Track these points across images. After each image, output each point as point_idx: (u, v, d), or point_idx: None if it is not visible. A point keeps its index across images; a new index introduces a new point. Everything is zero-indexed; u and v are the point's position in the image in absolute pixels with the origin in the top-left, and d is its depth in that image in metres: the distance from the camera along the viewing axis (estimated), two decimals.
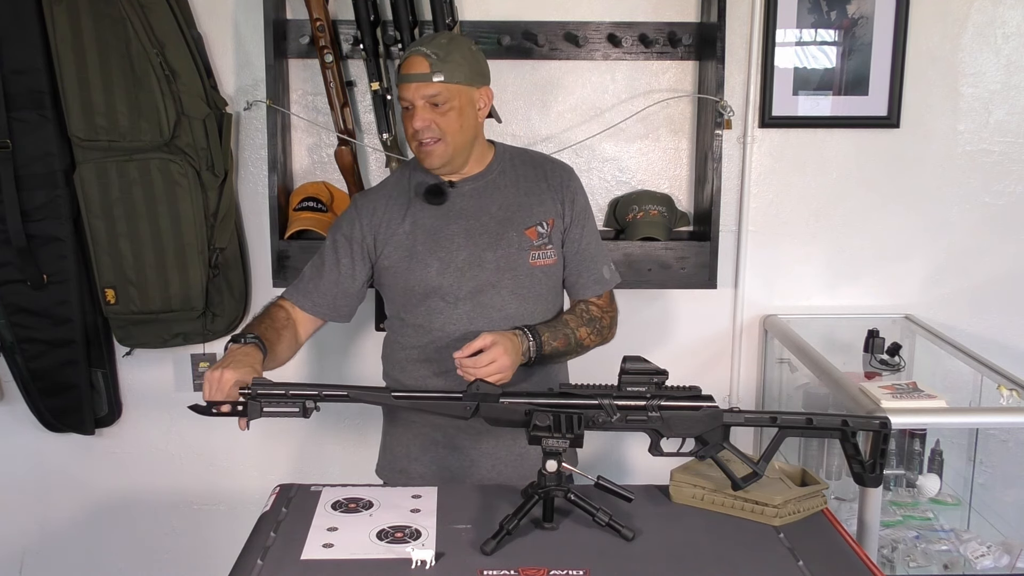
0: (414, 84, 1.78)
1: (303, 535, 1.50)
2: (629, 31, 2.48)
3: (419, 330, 1.89)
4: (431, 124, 1.79)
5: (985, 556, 2.01)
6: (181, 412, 1.66)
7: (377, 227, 1.88)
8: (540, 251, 1.88)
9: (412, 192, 1.90)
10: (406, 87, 1.79)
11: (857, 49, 2.54)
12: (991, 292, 2.67)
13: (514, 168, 1.94)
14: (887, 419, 1.58)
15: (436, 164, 1.83)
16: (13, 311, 2.49)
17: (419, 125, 1.79)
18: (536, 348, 1.80)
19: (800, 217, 2.64)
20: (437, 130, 1.79)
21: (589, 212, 1.97)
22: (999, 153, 2.62)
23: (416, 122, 1.79)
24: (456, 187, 1.89)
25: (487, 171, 1.91)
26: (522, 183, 1.92)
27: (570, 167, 1.99)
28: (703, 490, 1.62)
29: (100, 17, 2.30)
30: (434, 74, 1.77)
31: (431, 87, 1.77)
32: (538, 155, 2.02)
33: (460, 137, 1.82)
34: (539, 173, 1.94)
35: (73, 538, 2.77)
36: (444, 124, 1.79)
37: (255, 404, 1.54)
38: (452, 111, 1.79)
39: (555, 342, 1.84)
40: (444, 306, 1.85)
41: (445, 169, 1.86)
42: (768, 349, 2.67)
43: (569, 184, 1.94)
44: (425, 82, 1.77)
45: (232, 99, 2.52)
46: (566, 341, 1.86)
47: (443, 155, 1.82)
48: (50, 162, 2.39)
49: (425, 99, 1.78)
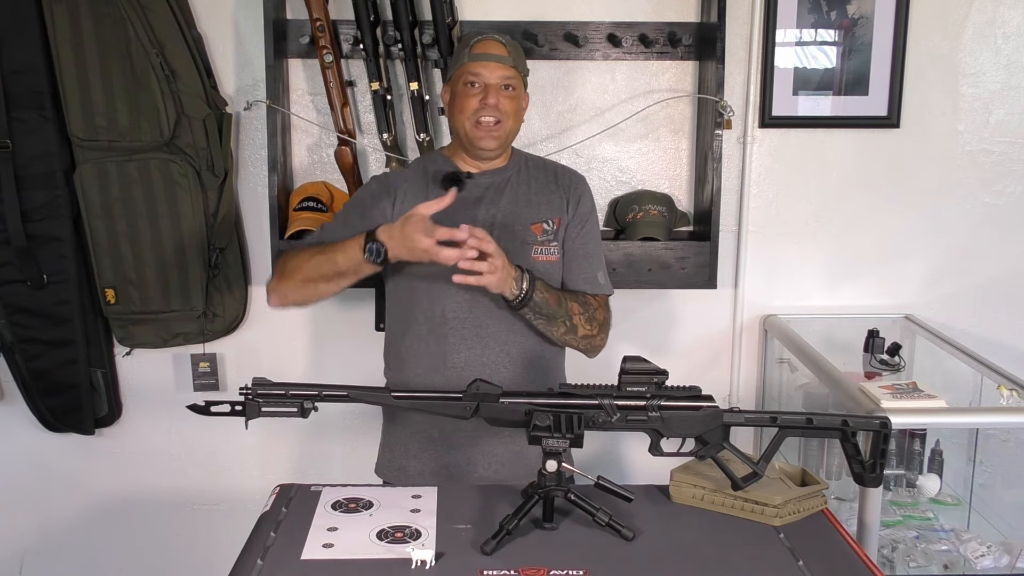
0: (494, 63, 1.88)
1: (303, 535, 1.50)
2: (629, 31, 2.48)
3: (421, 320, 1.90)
4: (501, 104, 1.87)
5: (985, 556, 2.01)
6: (181, 412, 1.66)
7: (395, 201, 1.93)
8: (544, 247, 1.92)
9: (430, 180, 1.94)
10: (484, 65, 1.88)
11: (857, 49, 2.54)
12: (991, 292, 2.67)
13: (528, 170, 2.00)
14: (887, 419, 1.58)
15: (493, 145, 1.90)
16: (13, 311, 2.48)
17: (493, 102, 1.86)
18: (529, 285, 1.81)
19: (800, 217, 2.64)
20: (503, 112, 1.88)
21: (593, 218, 2.00)
22: (999, 153, 2.62)
23: (491, 98, 1.87)
24: (473, 178, 1.93)
25: (505, 169, 1.97)
26: (534, 184, 1.98)
27: (582, 175, 2.05)
28: (703, 490, 1.62)
29: (100, 17, 2.31)
30: (511, 59, 1.88)
31: (508, 70, 1.89)
32: (552, 162, 2.08)
33: (515, 125, 1.94)
34: (551, 176, 2.01)
35: (73, 538, 2.77)
36: (509, 108, 1.89)
37: (254, 404, 1.53)
38: (516, 99, 1.91)
39: (547, 293, 1.86)
40: (444, 292, 1.87)
41: (494, 155, 1.93)
42: (768, 349, 2.67)
43: (578, 187, 2.00)
44: (504, 64, 1.88)
45: (232, 99, 2.52)
46: (557, 301, 1.87)
47: (499, 136, 1.89)
48: (50, 162, 2.39)
49: (501, 79, 1.88)
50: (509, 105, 1.89)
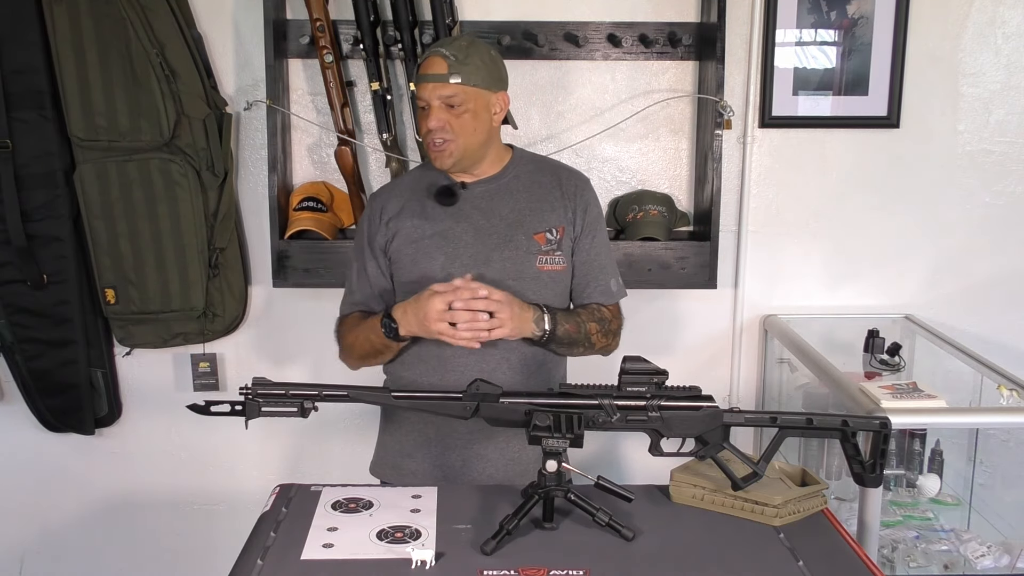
0: (431, 84, 1.81)
1: (303, 535, 1.50)
2: (629, 31, 2.48)
3: None
4: (445, 125, 1.81)
5: (985, 556, 2.01)
6: (181, 412, 1.66)
7: (389, 221, 1.91)
8: (548, 256, 1.88)
9: (426, 192, 1.92)
10: (424, 86, 1.82)
11: (857, 49, 2.54)
12: (991, 292, 2.67)
13: (529, 174, 1.95)
14: (887, 419, 1.58)
15: (447, 164, 1.85)
16: (13, 311, 2.49)
17: (433, 125, 1.81)
18: (551, 325, 1.81)
19: (800, 217, 2.64)
20: (450, 131, 1.81)
21: (601, 223, 1.97)
22: (999, 153, 2.62)
23: (431, 122, 1.81)
24: (468, 188, 1.90)
25: (501, 175, 1.93)
26: (535, 189, 1.93)
27: (586, 177, 1.99)
28: (703, 490, 1.62)
29: (100, 17, 2.31)
30: (451, 75, 1.79)
31: (448, 88, 1.80)
32: (555, 163, 2.03)
33: (473, 139, 1.84)
34: (553, 180, 1.95)
35: (73, 538, 2.77)
36: (458, 126, 1.82)
37: (254, 404, 1.54)
38: (467, 113, 1.82)
39: (567, 324, 1.85)
40: None
41: (455, 169, 1.88)
42: (768, 349, 2.67)
43: (583, 194, 1.94)
44: (442, 83, 1.80)
45: (232, 99, 2.52)
46: (576, 328, 1.86)
47: (453, 155, 1.84)
48: (50, 162, 2.39)
49: (441, 100, 1.81)
50: (457, 123, 1.81)
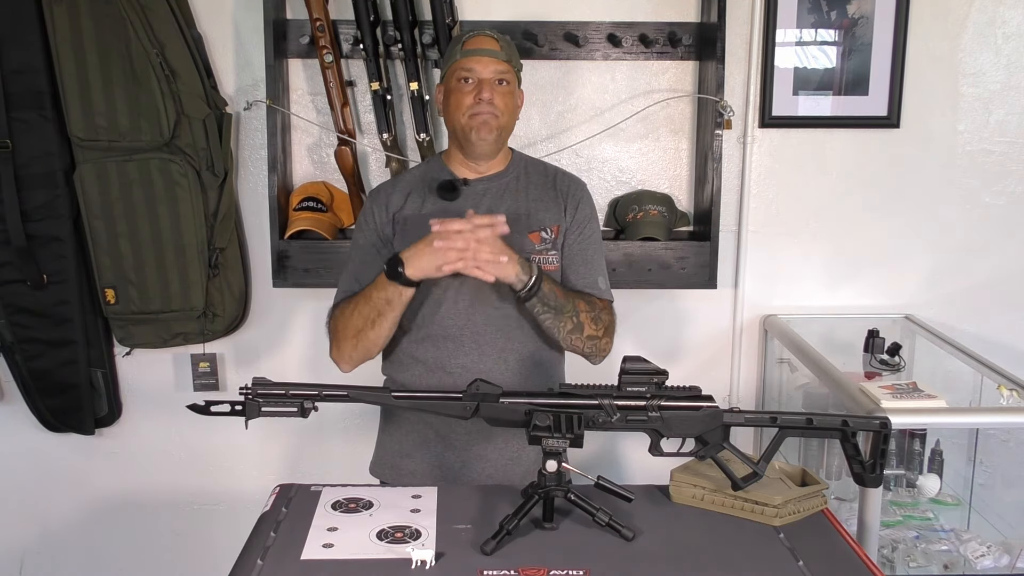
0: (487, 58, 1.85)
1: (303, 535, 1.50)
2: (629, 31, 2.49)
3: (419, 324, 1.89)
4: (494, 99, 1.85)
5: (985, 556, 2.01)
6: (181, 412, 1.66)
7: (395, 214, 1.92)
8: (542, 256, 1.89)
9: (427, 188, 1.93)
10: (477, 60, 1.85)
11: (857, 49, 2.54)
12: (991, 292, 2.67)
13: (527, 175, 1.97)
14: (887, 419, 1.58)
15: (490, 138, 1.87)
16: (13, 311, 2.49)
17: (487, 96, 1.84)
18: (537, 278, 1.78)
19: (800, 217, 2.64)
20: (496, 107, 1.85)
21: (593, 224, 1.96)
22: (999, 153, 2.62)
23: (484, 93, 1.84)
24: (471, 185, 1.91)
25: (503, 174, 1.94)
26: (532, 190, 1.94)
27: (582, 181, 2.01)
28: (703, 490, 1.62)
29: (100, 17, 2.31)
30: (504, 53, 1.86)
31: (502, 64, 1.87)
32: (552, 167, 2.04)
33: (511, 121, 1.91)
34: (549, 181, 1.97)
35: (73, 538, 2.77)
36: (502, 104, 1.86)
37: (254, 404, 1.53)
38: (510, 94, 1.89)
39: (553, 285, 1.83)
40: (444, 299, 1.86)
41: (489, 148, 1.89)
42: (768, 349, 2.67)
43: (576, 192, 1.96)
44: (497, 59, 1.86)
45: (232, 99, 2.52)
46: (563, 295, 1.84)
47: (495, 128, 1.86)
48: (50, 162, 2.39)
49: (495, 74, 1.86)
50: (504, 101, 1.86)
